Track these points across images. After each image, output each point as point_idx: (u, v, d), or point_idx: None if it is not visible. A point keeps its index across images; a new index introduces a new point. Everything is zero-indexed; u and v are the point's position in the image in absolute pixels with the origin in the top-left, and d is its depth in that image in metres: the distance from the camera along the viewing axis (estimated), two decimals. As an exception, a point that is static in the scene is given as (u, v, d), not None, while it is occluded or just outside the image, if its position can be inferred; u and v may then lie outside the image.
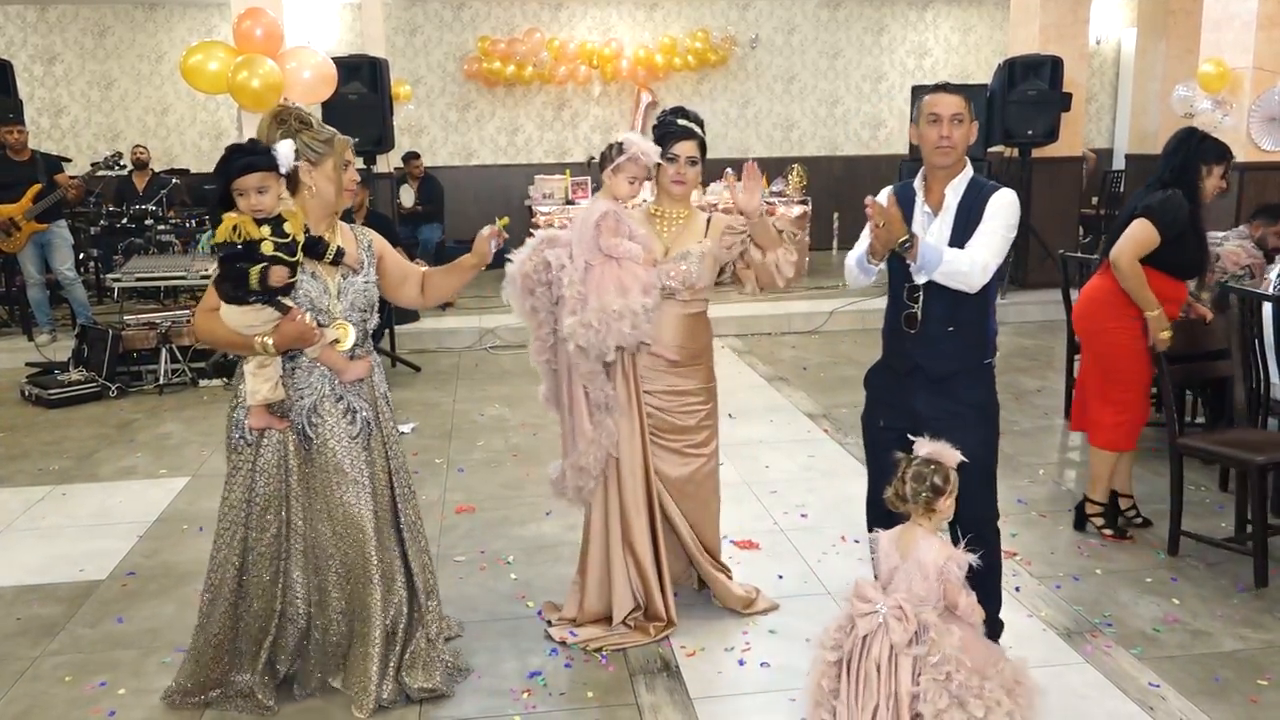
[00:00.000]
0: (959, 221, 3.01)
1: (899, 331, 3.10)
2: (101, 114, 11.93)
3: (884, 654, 2.47)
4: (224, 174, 2.71)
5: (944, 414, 3.02)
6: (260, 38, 6.17)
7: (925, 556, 2.51)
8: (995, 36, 12.84)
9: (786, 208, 10.43)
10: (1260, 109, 6.92)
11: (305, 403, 2.89)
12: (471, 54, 11.96)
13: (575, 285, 3.24)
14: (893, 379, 3.16)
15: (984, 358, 3.12)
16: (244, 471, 2.93)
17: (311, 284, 2.85)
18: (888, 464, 3.16)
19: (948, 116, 2.99)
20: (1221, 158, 4.09)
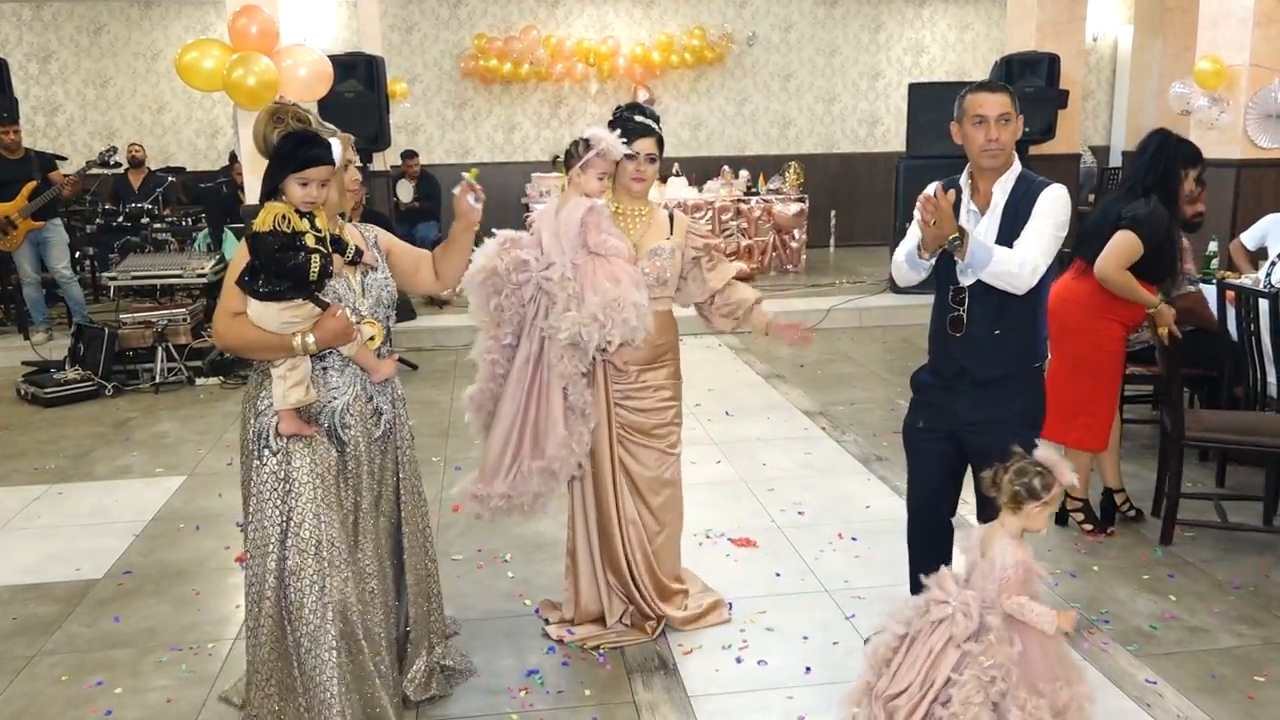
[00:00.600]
0: (1006, 220, 2.94)
1: (944, 335, 3.04)
2: (97, 112, 11.91)
3: (939, 642, 2.53)
4: (294, 160, 2.57)
5: (987, 419, 2.99)
6: (255, 35, 6.16)
7: (998, 558, 2.54)
8: (992, 33, 12.84)
9: (784, 205, 10.43)
10: (1257, 106, 6.92)
11: (338, 404, 2.75)
12: (468, 51, 11.94)
13: (569, 283, 3.20)
14: (938, 382, 3.11)
15: (1032, 362, 3.04)
16: (271, 484, 2.67)
17: (338, 283, 2.74)
18: (930, 467, 3.17)
19: (994, 117, 2.91)
20: (1197, 159, 4.09)
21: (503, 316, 3.26)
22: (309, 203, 2.60)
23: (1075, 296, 4.09)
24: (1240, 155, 6.98)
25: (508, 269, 3.23)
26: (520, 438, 3.25)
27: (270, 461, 2.68)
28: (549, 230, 3.28)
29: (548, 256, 3.22)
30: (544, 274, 3.22)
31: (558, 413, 3.22)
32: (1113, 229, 3.96)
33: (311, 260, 2.56)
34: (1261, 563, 3.95)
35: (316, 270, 2.57)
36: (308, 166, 2.58)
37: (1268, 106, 6.92)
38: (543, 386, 3.25)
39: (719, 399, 6.31)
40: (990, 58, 11.47)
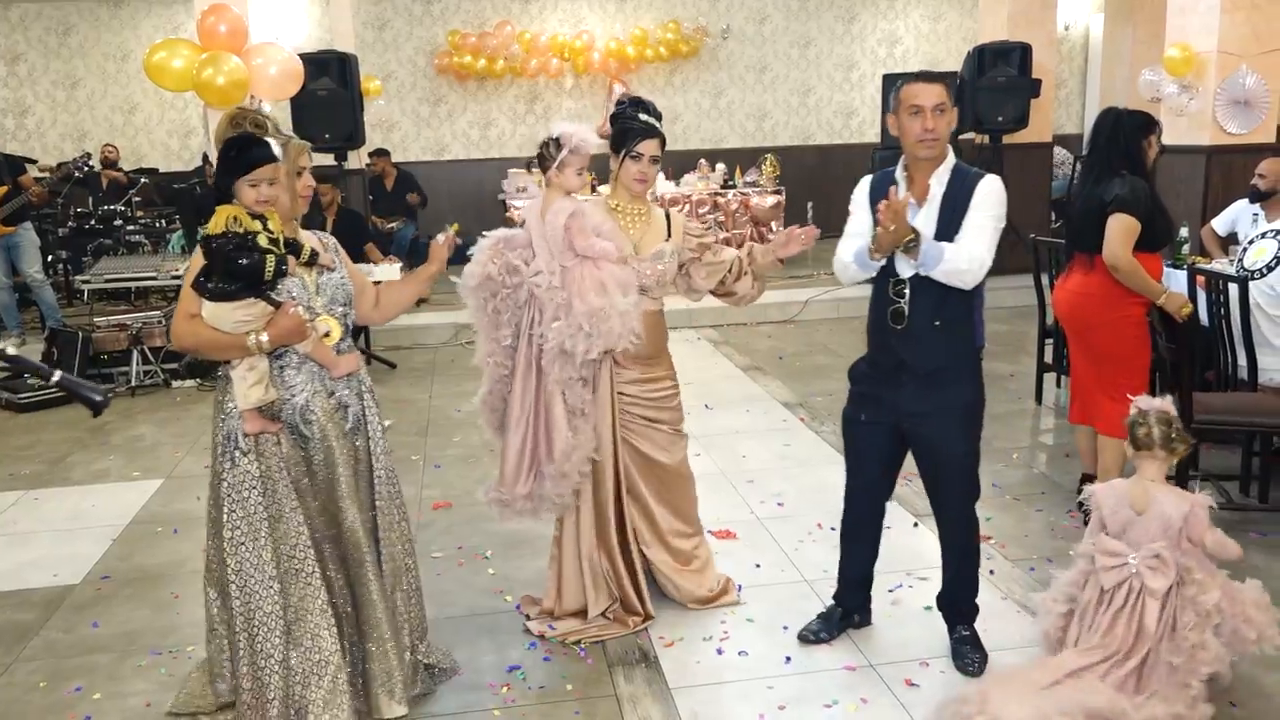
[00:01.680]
0: (945, 212, 2.96)
1: (884, 327, 3.05)
2: (68, 113, 11.79)
3: (1131, 601, 2.68)
4: (239, 164, 2.63)
5: (930, 410, 3.02)
6: (225, 34, 6.12)
7: (1168, 508, 2.70)
8: (965, 24, 12.90)
9: (760, 198, 10.45)
10: (1225, 92, 6.99)
11: (298, 400, 2.79)
12: (442, 48, 11.89)
13: (556, 290, 3.20)
14: (877, 374, 3.12)
15: (971, 352, 3.09)
16: (249, 483, 2.73)
17: (291, 282, 2.78)
18: (871, 457, 3.21)
19: (930, 107, 2.93)
20: (1153, 125, 4.11)
21: (500, 319, 3.30)
22: (261, 203, 2.65)
23: (1090, 291, 4.07)
24: (1210, 141, 7.05)
25: (501, 273, 3.25)
26: (535, 440, 3.30)
27: (243, 461, 2.74)
28: (535, 232, 3.29)
29: (537, 261, 3.24)
30: (533, 280, 3.24)
31: (560, 417, 3.25)
32: (1099, 218, 3.97)
33: (266, 260, 2.61)
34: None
35: (271, 269, 2.62)
36: (254, 167, 2.63)
37: (1236, 93, 6.99)
38: (544, 390, 3.28)
39: (698, 392, 6.31)
40: (963, 48, 11.52)
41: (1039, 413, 5.93)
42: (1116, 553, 2.72)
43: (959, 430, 3.04)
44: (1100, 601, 2.75)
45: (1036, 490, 4.64)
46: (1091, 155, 4.13)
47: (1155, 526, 2.71)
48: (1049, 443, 5.50)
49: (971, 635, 3.22)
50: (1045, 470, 4.97)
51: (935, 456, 3.09)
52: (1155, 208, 4.02)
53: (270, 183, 2.65)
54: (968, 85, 8.93)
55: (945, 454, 3.07)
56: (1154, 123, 4.12)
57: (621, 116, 3.41)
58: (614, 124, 3.42)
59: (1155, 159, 4.12)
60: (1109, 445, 4.13)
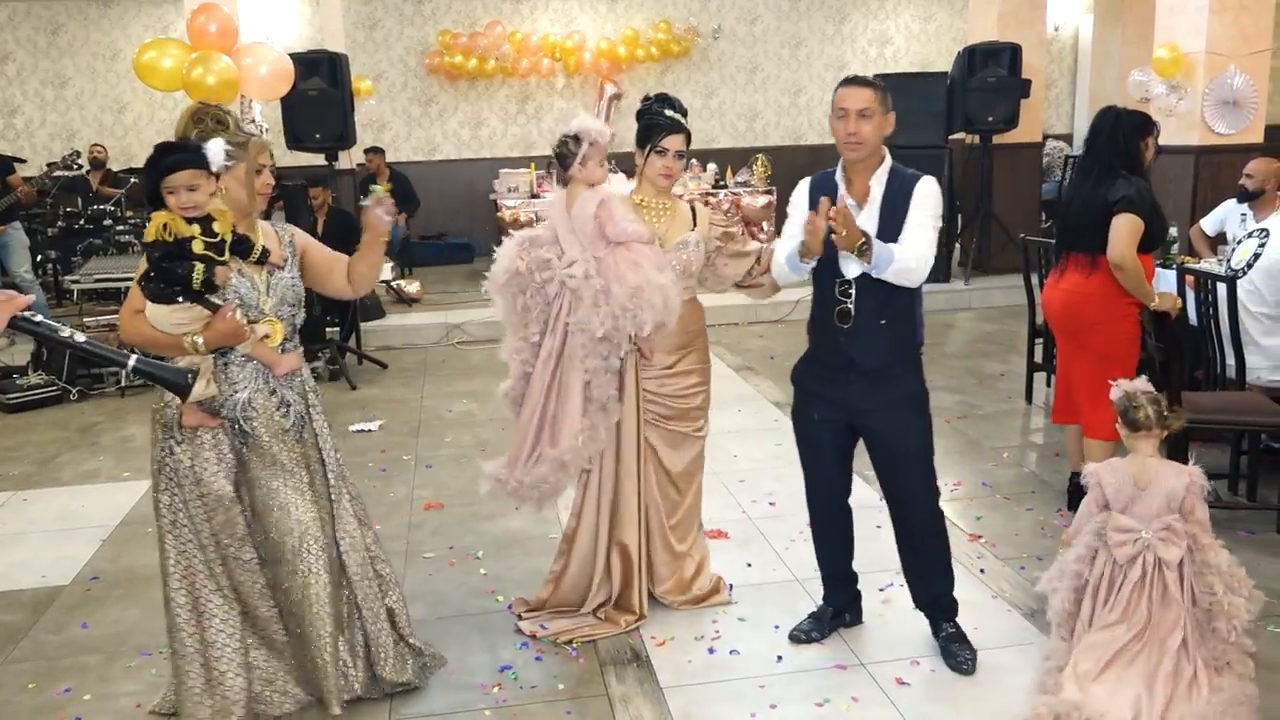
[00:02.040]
0: (885, 212, 3.02)
1: (830, 326, 3.09)
2: (56, 113, 11.74)
3: (1148, 574, 2.80)
4: (153, 171, 2.66)
5: (880, 405, 3.08)
6: (215, 33, 6.10)
7: (1171, 481, 2.84)
8: (955, 24, 12.93)
9: (752, 198, 10.47)
10: (1213, 93, 7.02)
11: (239, 397, 2.84)
12: (433, 48, 11.87)
13: (593, 279, 3.22)
14: (824, 373, 3.16)
15: (914, 347, 3.14)
16: (182, 474, 2.83)
17: (240, 281, 2.83)
18: (827, 455, 3.25)
19: (854, 111, 2.99)
20: (1151, 126, 4.11)
21: (530, 316, 3.33)
22: (185, 208, 2.64)
23: (1090, 291, 4.03)
24: (1198, 142, 7.09)
25: (530, 268, 3.28)
26: (540, 428, 3.33)
27: (178, 451, 2.83)
28: (562, 227, 3.30)
29: (569, 254, 3.25)
30: (567, 271, 3.25)
31: (575, 406, 3.27)
32: (1101, 218, 3.93)
33: (195, 269, 2.64)
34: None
35: (199, 279, 2.65)
36: (169, 173, 2.64)
37: (1224, 93, 7.03)
38: (562, 379, 3.30)
39: (690, 392, 6.32)
40: (954, 48, 11.54)
41: (1029, 412, 5.95)
42: (1128, 528, 2.82)
43: (909, 421, 3.11)
44: (1114, 577, 2.85)
45: (1026, 489, 4.66)
46: (1089, 155, 4.10)
47: (1159, 501, 2.82)
48: (1039, 442, 5.52)
49: (958, 632, 3.24)
50: (1035, 469, 4.98)
51: (890, 450, 3.15)
52: (1155, 211, 4.02)
53: (190, 189, 2.64)
54: (958, 85, 8.95)
55: (899, 446, 3.12)
56: (1152, 123, 4.12)
57: (647, 112, 3.45)
58: (640, 119, 3.46)
59: (1152, 160, 4.12)
60: (1095, 447, 4.14)
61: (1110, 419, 4.07)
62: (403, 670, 3.09)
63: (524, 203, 10.16)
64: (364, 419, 6.06)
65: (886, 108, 3.03)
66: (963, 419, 5.72)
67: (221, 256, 2.71)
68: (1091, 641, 2.83)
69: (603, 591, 3.49)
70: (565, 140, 3.30)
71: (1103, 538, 2.88)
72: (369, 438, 5.76)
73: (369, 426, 5.93)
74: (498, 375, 3.54)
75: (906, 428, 3.11)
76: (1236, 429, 4.29)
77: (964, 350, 7.47)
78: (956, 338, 7.87)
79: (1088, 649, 2.83)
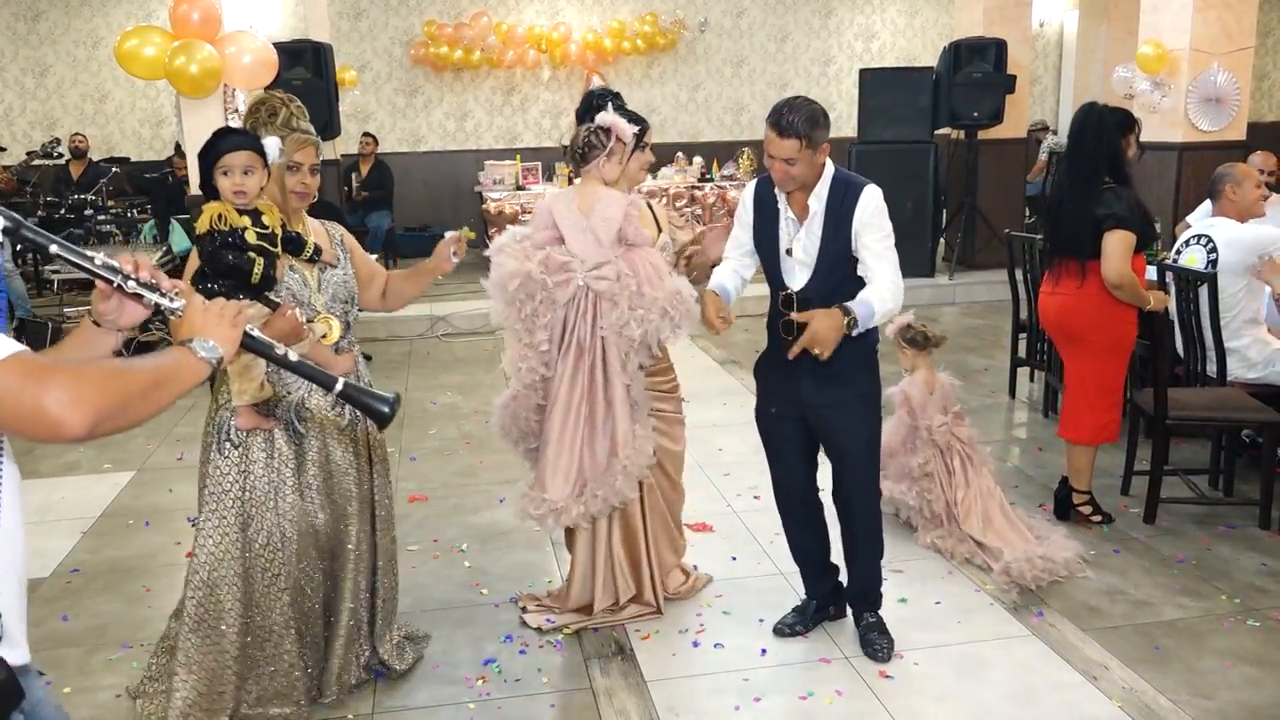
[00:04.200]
0: (828, 226, 2.98)
1: (778, 330, 3.09)
2: (37, 101, 11.62)
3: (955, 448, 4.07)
4: (212, 151, 2.62)
5: (832, 401, 3.09)
6: (198, 22, 6.04)
7: (945, 384, 4.17)
8: (941, 19, 12.95)
9: (738, 191, 10.47)
10: (1197, 90, 7.07)
11: (294, 397, 2.83)
12: (418, 38, 11.81)
13: (628, 280, 3.13)
14: (779, 368, 3.16)
15: (866, 349, 3.10)
16: (232, 476, 2.77)
17: (292, 278, 2.79)
18: (788, 449, 3.28)
19: (779, 158, 2.91)
20: (1132, 124, 4.05)
21: (537, 323, 3.17)
22: (238, 193, 2.61)
23: (1086, 297, 3.97)
24: (1182, 139, 7.13)
25: (544, 272, 3.15)
26: (585, 443, 3.21)
27: (232, 454, 2.78)
28: (574, 227, 3.19)
29: (588, 256, 3.16)
30: (596, 274, 3.14)
31: (624, 415, 3.19)
32: (1091, 229, 3.87)
33: (255, 262, 2.59)
34: (1204, 538, 4.05)
35: (259, 273, 2.60)
36: (228, 153, 2.61)
37: (1207, 90, 7.07)
38: (607, 389, 3.20)
39: (675, 385, 6.33)
40: (939, 43, 11.56)
41: (1012, 407, 5.98)
42: (941, 423, 4.05)
43: (857, 418, 3.11)
44: (946, 459, 4.04)
45: (1010, 484, 4.67)
46: (1074, 154, 4.04)
47: (941, 398, 4.11)
48: (1022, 436, 5.54)
49: (878, 621, 3.29)
50: (1018, 464, 5.01)
51: (837, 446, 3.17)
52: (1145, 219, 3.98)
53: (246, 171, 2.61)
54: (943, 81, 8.97)
55: (846, 443, 3.14)
56: (1133, 121, 4.08)
57: (622, 109, 3.37)
58: (624, 116, 3.38)
59: (1135, 157, 4.08)
60: (1076, 451, 4.15)
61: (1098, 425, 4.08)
62: (404, 658, 3.18)
63: (509, 195, 10.13)
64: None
65: (818, 142, 2.91)
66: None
67: (275, 249, 2.66)
68: (968, 504, 3.95)
69: (609, 593, 3.45)
70: (595, 132, 3.23)
71: (924, 435, 4.04)
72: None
73: (353, 419, 5.90)
74: (482, 368, 3.54)
75: (853, 426, 3.12)
76: (1217, 425, 4.32)
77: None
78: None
79: (967, 509, 3.94)
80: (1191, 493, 4.41)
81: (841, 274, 3.01)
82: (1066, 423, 4.19)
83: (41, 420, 1.35)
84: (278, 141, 2.71)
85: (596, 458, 3.22)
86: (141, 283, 1.61)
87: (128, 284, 1.60)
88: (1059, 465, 4.48)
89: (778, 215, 3.06)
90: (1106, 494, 4.36)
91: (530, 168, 10.56)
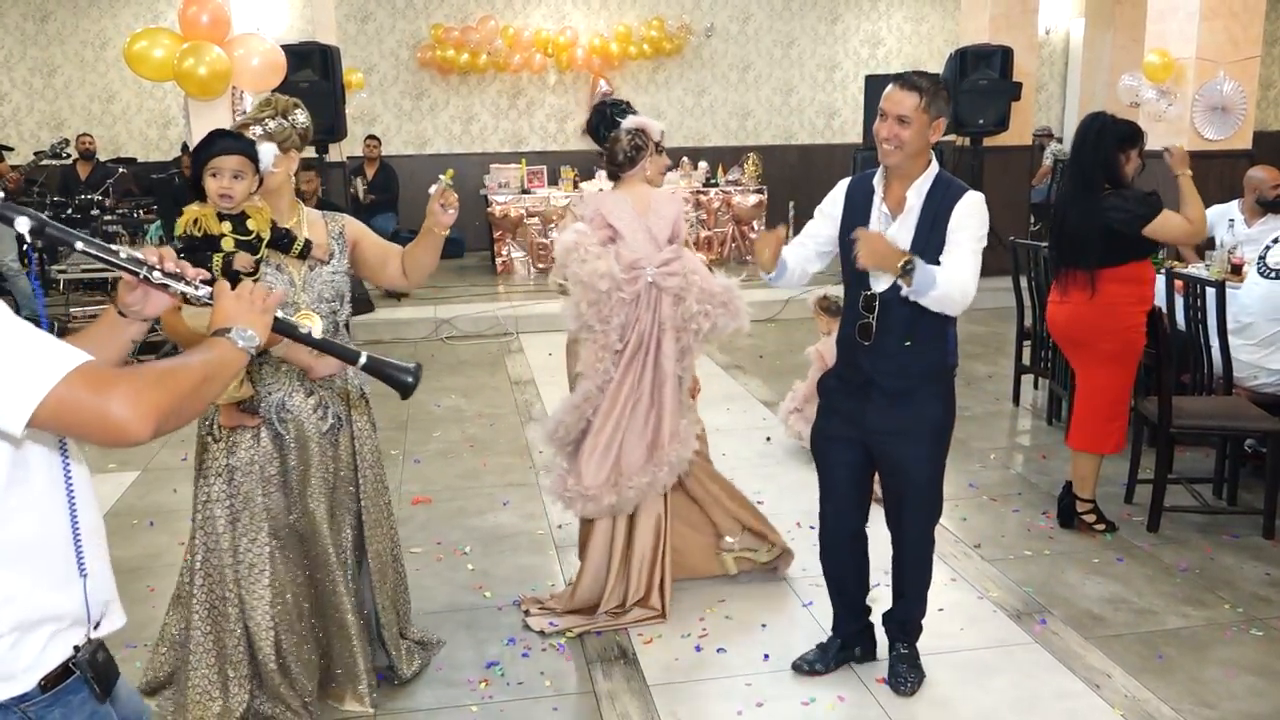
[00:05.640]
0: (923, 225, 2.77)
1: (852, 341, 2.91)
2: (44, 101, 11.66)
3: None
4: (204, 152, 2.62)
5: (895, 429, 2.89)
6: (207, 24, 6.06)
7: None
8: (947, 26, 12.96)
9: (743, 196, 10.48)
10: (1203, 99, 7.06)
11: (274, 398, 2.82)
12: (425, 42, 11.84)
13: (693, 275, 3.27)
14: (845, 389, 2.98)
15: (943, 372, 2.94)
16: (216, 471, 2.81)
17: (275, 277, 2.77)
18: (840, 474, 3.04)
19: (892, 115, 2.75)
20: (1135, 139, 3.99)
21: (611, 324, 3.26)
22: (224, 196, 2.60)
23: (1096, 307, 3.94)
24: (1187, 147, 7.08)
25: (620, 272, 3.24)
26: (626, 436, 3.28)
27: (214, 449, 2.81)
28: (633, 225, 3.28)
29: (648, 254, 3.27)
30: (665, 270, 3.25)
31: (673, 406, 3.29)
32: (1098, 237, 3.87)
33: (213, 259, 2.57)
34: (1207, 546, 4.04)
35: (218, 269, 2.58)
36: (220, 155, 2.61)
37: (1213, 99, 7.07)
38: (656, 382, 3.28)
39: (678, 390, 6.34)
40: (945, 50, 11.58)
41: (1016, 414, 5.98)
42: None
43: (924, 450, 2.91)
44: None
45: (1013, 491, 4.68)
46: (1073, 164, 4.03)
47: None
48: (1026, 444, 5.54)
49: (910, 654, 3.12)
50: (1022, 471, 5.00)
51: (899, 475, 2.96)
52: (1150, 194, 3.99)
53: (236, 175, 2.61)
54: (949, 87, 8.93)
55: (910, 473, 2.94)
56: (1138, 136, 4.01)
57: (633, 113, 3.47)
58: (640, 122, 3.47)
59: (1136, 172, 4.04)
60: (1082, 459, 4.15)
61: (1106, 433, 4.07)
62: (413, 662, 3.17)
63: (514, 198, 10.14)
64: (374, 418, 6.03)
65: (936, 113, 2.76)
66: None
67: (256, 255, 2.65)
68: None
69: (619, 594, 3.46)
70: (636, 134, 3.33)
71: None
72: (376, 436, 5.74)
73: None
74: (486, 370, 3.54)
75: (920, 455, 2.90)
76: (1222, 434, 4.32)
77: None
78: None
79: None
80: (1195, 501, 4.41)
81: None
82: (1075, 433, 4.16)
83: (108, 427, 1.42)
84: (273, 148, 2.70)
85: (636, 451, 3.29)
86: (167, 273, 1.66)
87: (153, 275, 1.65)
88: (1063, 472, 4.48)
89: (870, 208, 2.85)
90: (1110, 502, 4.36)
91: (535, 171, 10.57)
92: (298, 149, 2.84)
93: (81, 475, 1.61)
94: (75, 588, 1.57)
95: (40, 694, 1.50)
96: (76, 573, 1.57)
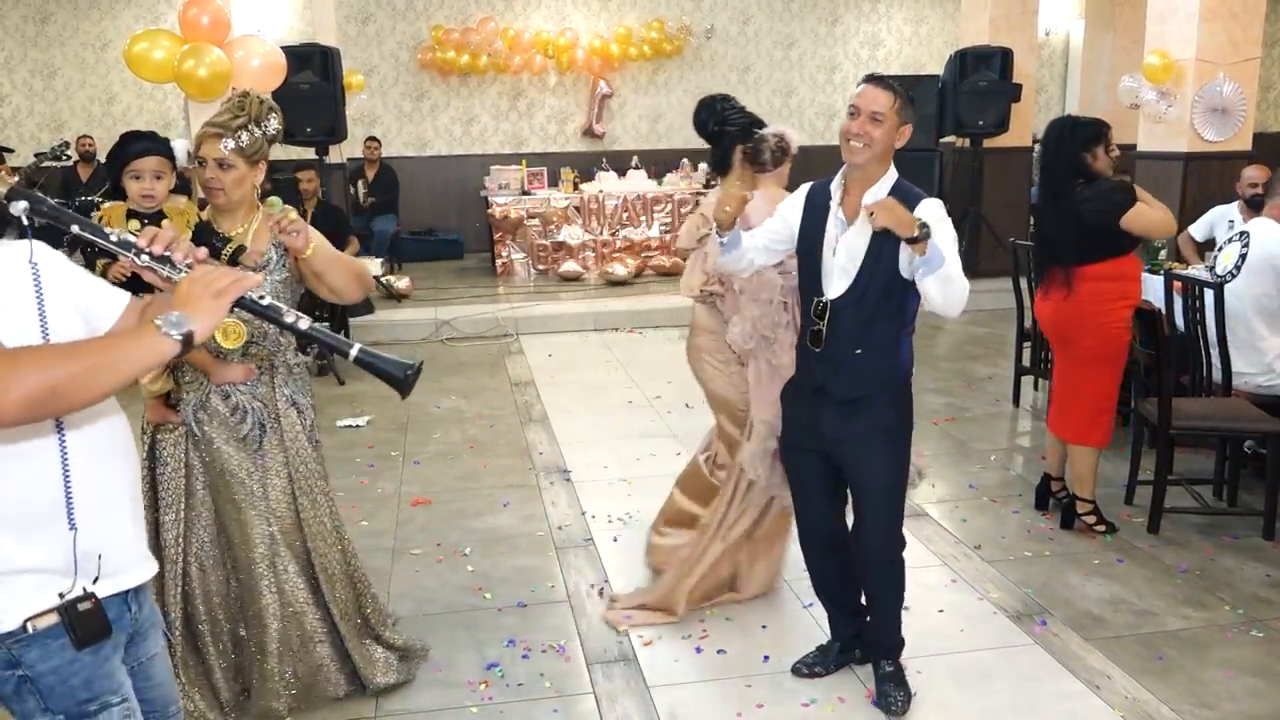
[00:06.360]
0: (878, 233, 2.68)
1: (805, 348, 2.89)
2: (45, 103, 11.67)
3: None
4: (120, 156, 2.62)
5: (849, 435, 2.86)
6: (207, 26, 6.06)
7: None
8: (947, 27, 12.97)
9: (742, 198, 10.47)
10: (1203, 100, 7.06)
11: (191, 398, 2.80)
12: (425, 43, 11.84)
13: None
14: (799, 397, 2.97)
15: (895, 380, 2.88)
16: (143, 465, 2.81)
17: None
18: (811, 481, 3.04)
19: (866, 112, 2.71)
20: (1100, 136, 4.00)
21: (781, 329, 3.38)
22: (146, 197, 2.60)
23: (1078, 301, 3.98)
24: (1187, 148, 7.12)
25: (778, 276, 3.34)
26: None
27: (143, 439, 2.84)
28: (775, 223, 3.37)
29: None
30: (792, 273, 3.25)
31: (775, 400, 3.31)
32: (1073, 232, 3.91)
33: (96, 264, 2.57)
34: (1207, 548, 4.04)
35: (99, 271, 2.57)
36: (137, 158, 2.62)
37: (1213, 100, 7.07)
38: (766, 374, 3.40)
39: (679, 391, 6.32)
40: (945, 51, 11.58)
41: (1016, 415, 5.98)
42: None
43: (880, 455, 2.87)
44: None
45: (1013, 492, 4.68)
46: (1044, 169, 4.12)
47: None
48: (1026, 445, 5.54)
49: (895, 671, 3.04)
50: (1022, 472, 5.00)
51: (858, 482, 2.93)
52: (1120, 183, 4.03)
53: (156, 176, 2.59)
54: (949, 89, 8.99)
55: (865, 479, 2.90)
56: (1102, 132, 4.02)
57: (739, 110, 3.59)
58: (733, 119, 3.56)
59: (1111, 161, 4.05)
60: (1080, 454, 4.15)
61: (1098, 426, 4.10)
62: (389, 671, 3.08)
63: (515, 200, 10.14)
64: (352, 414, 6.04)
65: (905, 118, 2.75)
66: (950, 421, 5.74)
67: None
68: None
69: (689, 604, 3.53)
70: (773, 136, 3.46)
71: None
72: (356, 433, 5.75)
73: (357, 422, 5.91)
74: (486, 371, 3.55)
75: (876, 460, 2.86)
76: (1221, 435, 4.32)
77: (952, 353, 7.49)
78: (945, 340, 7.89)
79: None
80: (1195, 503, 4.41)
81: (881, 287, 2.74)
82: (1056, 419, 4.23)
83: None
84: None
85: None
86: (154, 256, 1.68)
87: (140, 258, 1.68)
88: (1064, 474, 4.48)
89: (827, 214, 2.84)
90: (1110, 503, 4.36)
91: (536, 173, 10.56)
92: (266, 159, 2.79)
93: (97, 434, 1.66)
94: (60, 541, 1.63)
95: (23, 634, 1.62)
96: (66, 527, 1.63)
